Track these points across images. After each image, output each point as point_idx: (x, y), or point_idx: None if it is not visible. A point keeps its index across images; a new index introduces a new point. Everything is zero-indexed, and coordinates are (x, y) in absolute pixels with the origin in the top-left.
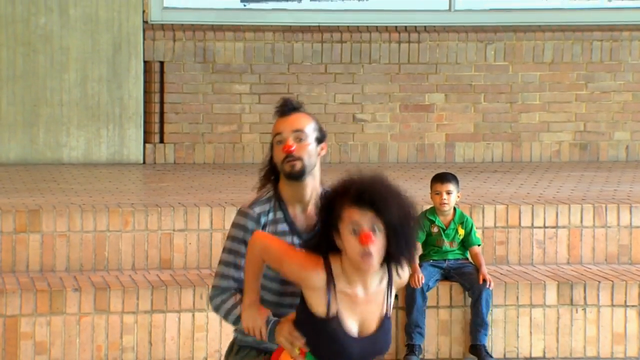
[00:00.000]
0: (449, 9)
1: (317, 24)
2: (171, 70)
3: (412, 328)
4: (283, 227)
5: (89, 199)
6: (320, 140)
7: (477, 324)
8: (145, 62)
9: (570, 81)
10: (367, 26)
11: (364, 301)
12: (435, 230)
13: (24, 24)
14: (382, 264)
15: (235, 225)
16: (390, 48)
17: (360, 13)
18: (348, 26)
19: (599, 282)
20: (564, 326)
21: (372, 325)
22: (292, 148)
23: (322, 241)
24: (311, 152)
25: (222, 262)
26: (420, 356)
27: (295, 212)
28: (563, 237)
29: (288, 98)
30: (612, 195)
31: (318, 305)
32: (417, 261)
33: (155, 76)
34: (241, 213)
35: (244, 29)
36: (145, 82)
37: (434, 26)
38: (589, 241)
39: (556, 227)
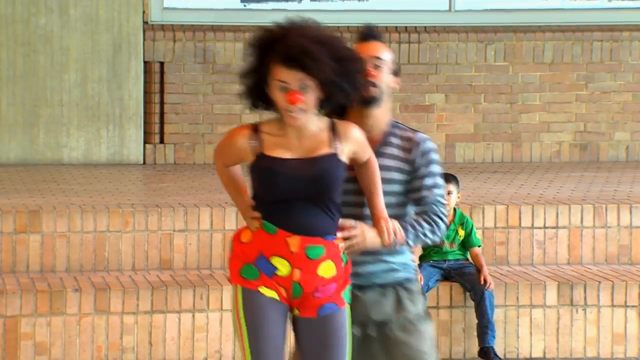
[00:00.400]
0: (449, 10)
1: None
2: (171, 71)
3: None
4: None
5: (89, 200)
6: (395, 73)
7: (483, 326)
8: (145, 62)
9: (571, 81)
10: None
11: (298, 136)
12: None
13: (24, 25)
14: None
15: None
16: (390, 48)
17: (361, 13)
18: (348, 26)
19: (599, 282)
20: (564, 326)
21: (315, 153)
22: (374, 73)
23: (257, 85)
24: (387, 81)
25: None
26: None
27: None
28: (563, 237)
29: (370, 25)
30: (612, 195)
31: (249, 158)
32: (416, 262)
33: (155, 77)
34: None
35: (244, 29)
36: (145, 82)
37: (434, 26)
38: (589, 241)
39: (556, 227)
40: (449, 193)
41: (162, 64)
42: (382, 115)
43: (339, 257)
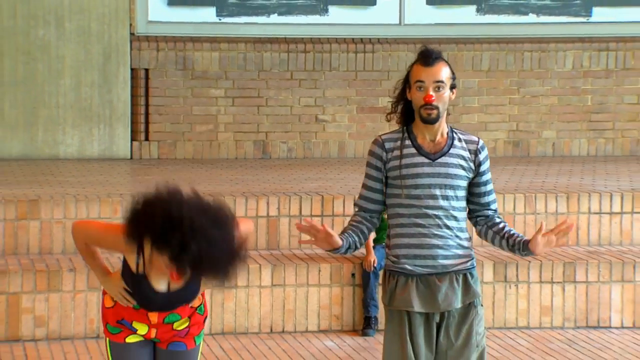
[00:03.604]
0: (399, 23)
1: (284, 36)
2: (155, 77)
3: (368, 301)
4: (411, 149)
5: (83, 190)
6: (453, 86)
7: None
8: (132, 69)
9: (505, 87)
10: (328, 38)
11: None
12: (386, 216)
13: (24, 36)
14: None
15: (368, 152)
16: (348, 57)
17: (322, 27)
18: (311, 38)
19: (529, 262)
20: (499, 300)
21: (180, 285)
22: (433, 98)
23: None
24: (446, 100)
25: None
26: (376, 327)
27: (425, 140)
28: None
29: (430, 48)
30: (540, 186)
31: (131, 263)
32: (371, 244)
33: (141, 82)
34: (373, 141)
35: (219, 40)
36: (132, 87)
37: (386, 38)
38: (520, 226)
39: None
40: None
41: (147, 70)
42: (443, 124)
43: (192, 312)
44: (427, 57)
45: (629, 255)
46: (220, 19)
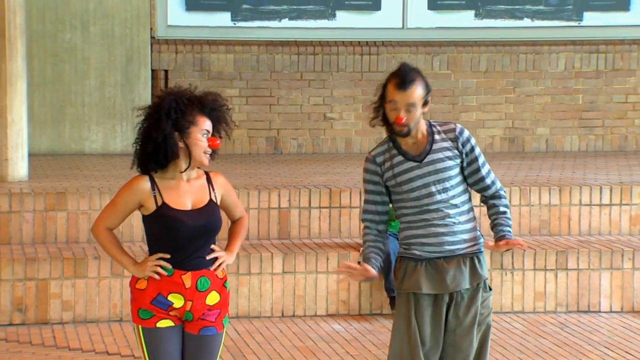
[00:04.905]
0: (402, 27)
1: (294, 39)
2: (174, 77)
3: (389, 286)
4: (399, 158)
5: (106, 183)
6: (425, 103)
7: None
8: (152, 70)
9: (501, 86)
10: (335, 41)
11: (188, 187)
12: (391, 205)
13: (52, 39)
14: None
15: (363, 170)
16: (354, 59)
17: (330, 30)
18: (320, 41)
19: (524, 251)
20: (496, 286)
21: (202, 203)
22: (403, 120)
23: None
24: (418, 117)
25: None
26: None
27: (408, 143)
28: None
29: (406, 69)
30: (534, 179)
31: (149, 207)
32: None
33: (160, 82)
34: (365, 159)
35: (234, 43)
36: (152, 87)
37: (390, 41)
38: (516, 217)
39: None
40: None
41: (166, 71)
42: (420, 126)
43: (221, 286)
44: (402, 81)
45: (617, 244)
46: (234, 24)
